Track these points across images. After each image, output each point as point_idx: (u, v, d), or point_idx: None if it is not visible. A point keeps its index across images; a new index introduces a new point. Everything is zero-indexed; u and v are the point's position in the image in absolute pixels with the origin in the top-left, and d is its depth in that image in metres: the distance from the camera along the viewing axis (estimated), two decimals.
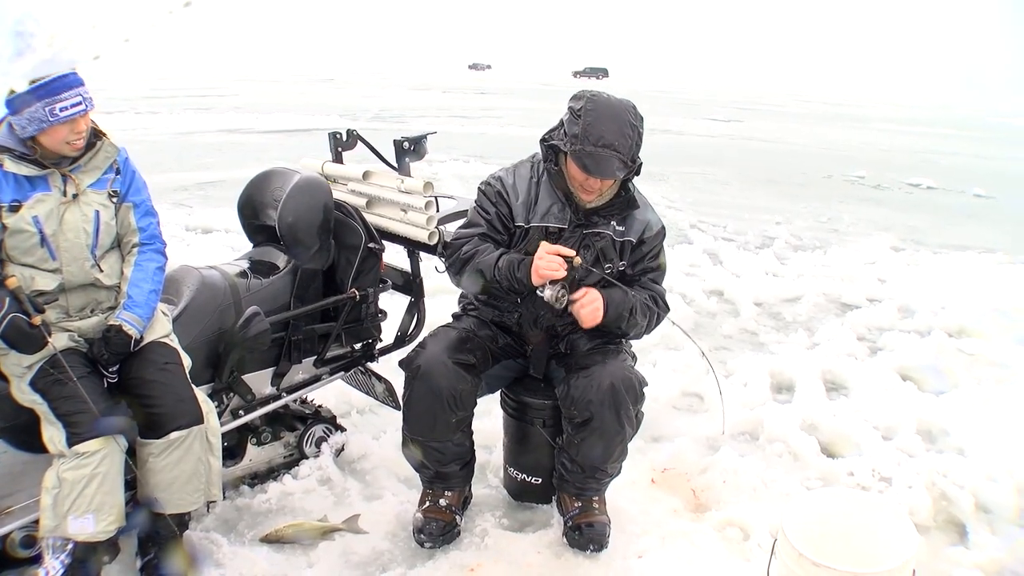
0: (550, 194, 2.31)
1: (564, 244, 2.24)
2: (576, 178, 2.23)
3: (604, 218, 2.31)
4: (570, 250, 2.19)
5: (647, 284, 2.36)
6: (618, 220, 2.32)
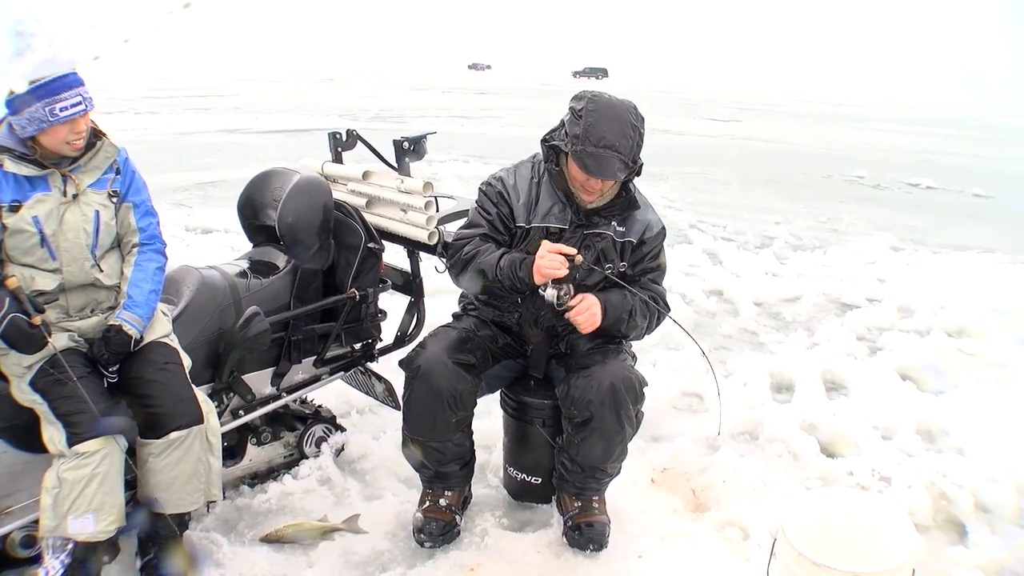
0: (551, 194, 2.31)
1: (565, 244, 2.24)
2: (577, 178, 2.22)
3: (605, 218, 2.31)
4: (572, 249, 2.19)
5: (647, 284, 2.36)
6: (619, 221, 2.32)
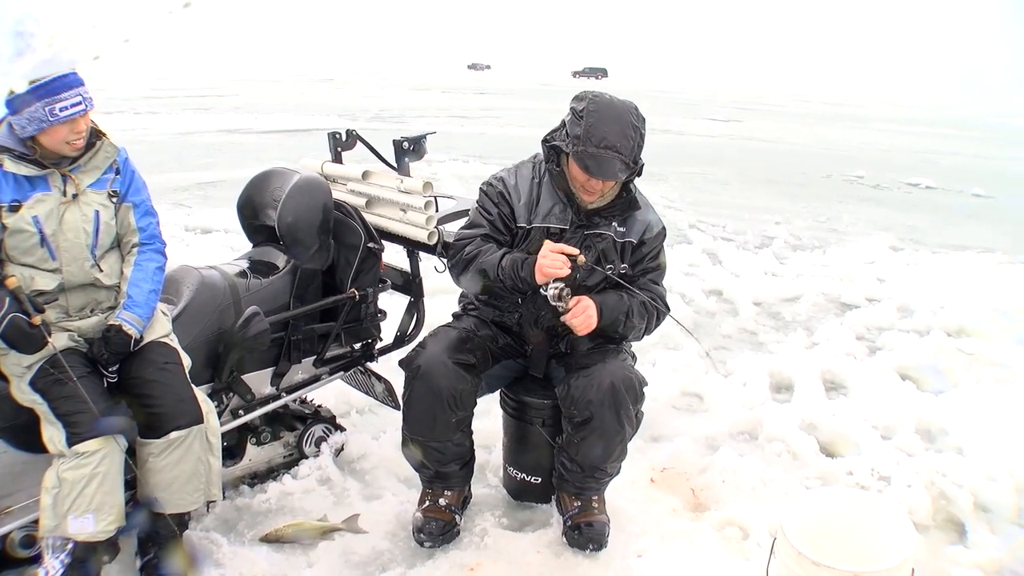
0: (551, 195, 2.31)
1: (566, 244, 2.23)
2: (578, 179, 2.22)
3: (605, 219, 2.31)
4: (573, 248, 2.19)
5: (646, 285, 2.36)
6: (619, 221, 2.32)
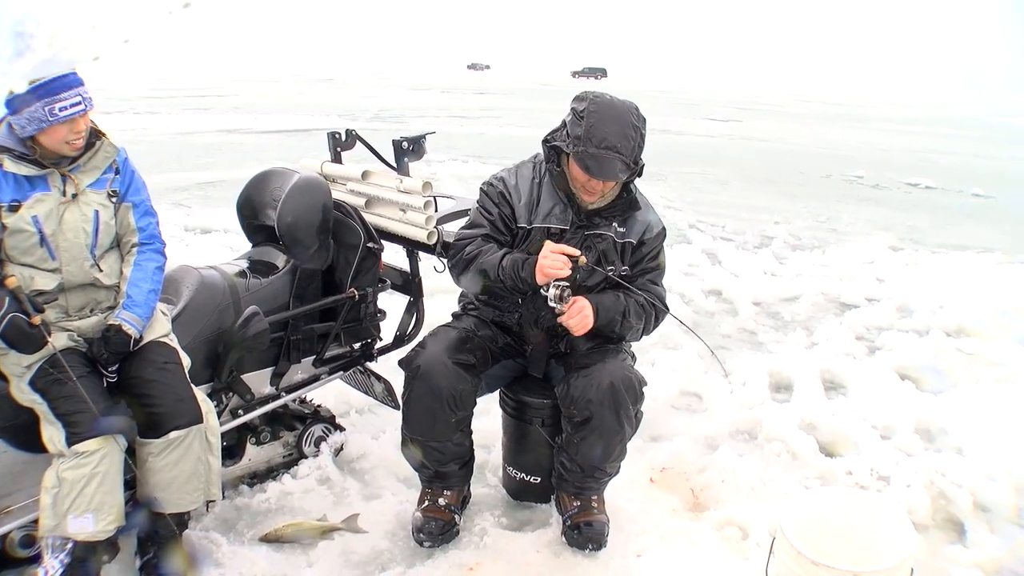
0: (552, 195, 2.31)
1: (566, 245, 2.23)
2: (578, 179, 2.22)
3: (606, 219, 2.31)
4: (574, 249, 2.19)
5: (645, 285, 2.36)
6: (619, 222, 2.32)
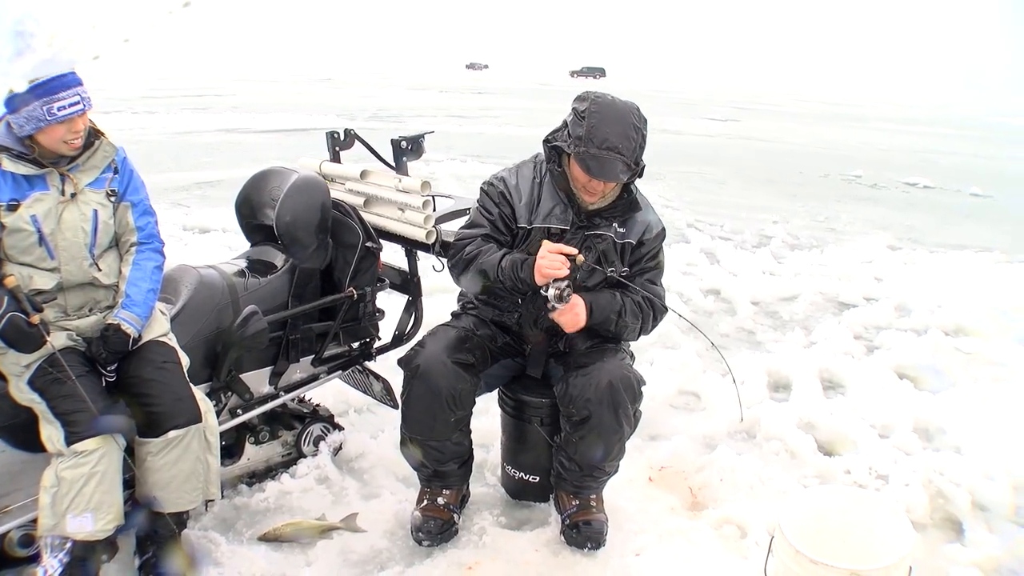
0: (552, 195, 2.31)
1: (566, 245, 2.23)
2: (579, 180, 2.22)
3: (606, 220, 2.31)
4: (572, 248, 2.19)
5: (643, 284, 2.36)
6: (619, 222, 2.32)
